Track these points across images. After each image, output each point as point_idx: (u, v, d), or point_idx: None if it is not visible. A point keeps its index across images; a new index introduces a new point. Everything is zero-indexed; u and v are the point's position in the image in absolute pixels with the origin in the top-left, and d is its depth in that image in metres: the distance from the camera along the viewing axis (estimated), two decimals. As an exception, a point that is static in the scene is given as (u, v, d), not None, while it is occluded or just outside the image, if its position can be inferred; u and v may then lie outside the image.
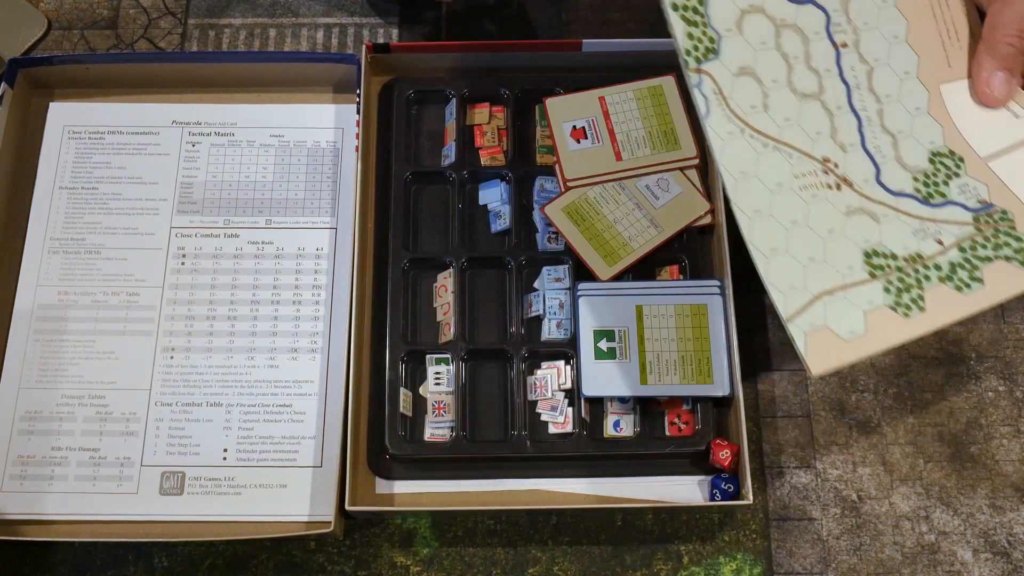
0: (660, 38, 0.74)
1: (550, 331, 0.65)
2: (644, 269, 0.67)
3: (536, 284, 0.67)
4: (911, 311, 0.54)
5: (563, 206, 0.67)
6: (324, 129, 0.72)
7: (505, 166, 0.69)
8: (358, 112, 0.67)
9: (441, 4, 0.76)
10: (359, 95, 0.67)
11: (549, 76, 0.71)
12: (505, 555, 0.63)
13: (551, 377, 0.64)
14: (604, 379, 0.63)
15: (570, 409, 0.64)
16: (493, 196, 0.69)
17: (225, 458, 0.64)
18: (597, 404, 0.64)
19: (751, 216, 0.55)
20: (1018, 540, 0.63)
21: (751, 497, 0.59)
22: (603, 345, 0.63)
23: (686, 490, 0.63)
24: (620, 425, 0.63)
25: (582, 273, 0.66)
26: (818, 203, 0.56)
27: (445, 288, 0.66)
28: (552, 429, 0.64)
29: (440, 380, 0.64)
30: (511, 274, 0.67)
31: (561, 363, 0.64)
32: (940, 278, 0.55)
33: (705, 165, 0.68)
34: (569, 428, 0.63)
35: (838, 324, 0.54)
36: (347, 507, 0.59)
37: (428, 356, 0.65)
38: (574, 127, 0.68)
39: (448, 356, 0.64)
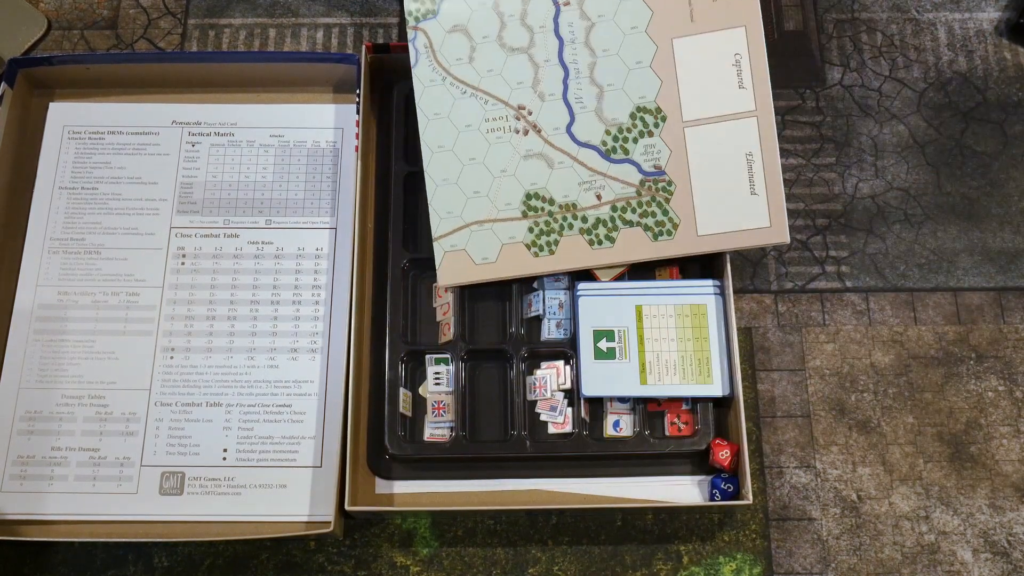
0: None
1: (550, 331, 0.65)
2: (644, 269, 0.67)
3: (536, 284, 0.67)
4: (542, 252, 0.62)
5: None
6: (324, 129, 0.72)
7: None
8: (358, 112, 0.67)
9: None
10: (359, 95, 0.67)
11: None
12: (505, 555, 0.63)
13: (551, 377, 0.64)
14: (604, 379, 0.63)
15: (570, 409, 0.64)
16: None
17: (225, 458, 0.64)
18: (597, 404, 0.64)
19: (434, 150, 0.64)
20: (1018, 540, 0.63)
21: (751, 497, 0.59)
22: (603, 345, 0.63)
23: (686, 490, 0.63)
24: (620, 425, 0.63)
25: (582, 273, 0.66)
26: (501, 145, 0.63)
27: (445, 288, 0.66)
28: (552, 429, 0.64)
29: (440, 380, 0.64)
30: (511, 274, 0.67)
31: (561, 363, 0.64)
32: (581, 230, 0.62)
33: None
34: (569, 428, 0.63)
35: (475, 250, 0.63)
36: (347, 507, 0.59)
37: (428, 356, 0.65)
38: None
39: (448, 356, 0.64)
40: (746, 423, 0.62)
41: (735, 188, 0.61)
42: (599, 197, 0.62)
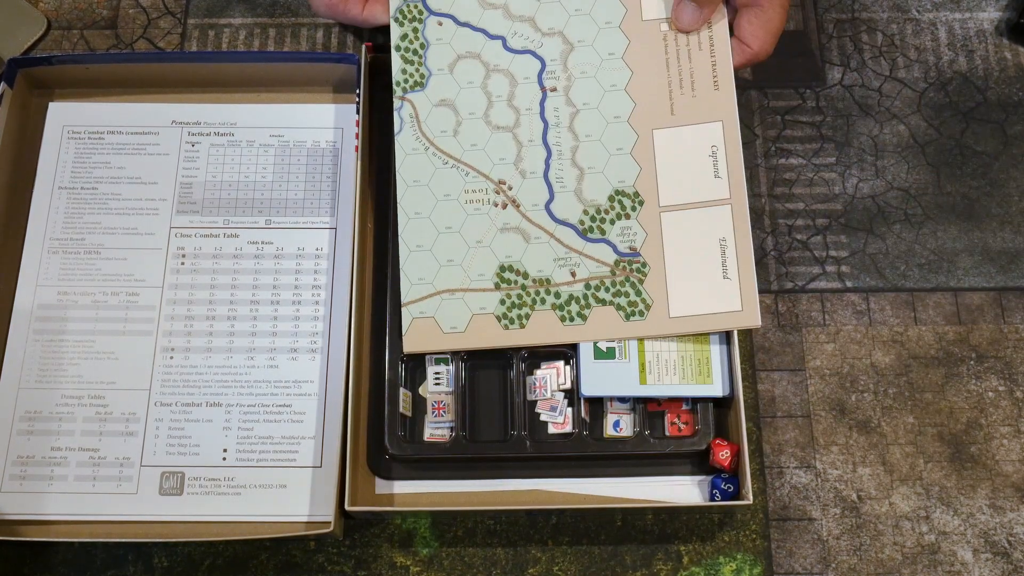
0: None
1: (550, 331, 0.65)
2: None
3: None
4: (512, 325, 0.62)
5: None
6: (324, 129, 0.72)
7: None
8: (358, 112, 0.67)
9: None
10: (359, 95, 0.67)
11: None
12: (505, 555, 0.63)
13: (550, 377, 0.64)
14: (604, 379, 0.63)
15: (570, 409, 0.64)
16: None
17: (225, 458, 0.63)
18: (597, 404, 0.64)
19: (410, 216, 0.64)
20: (1018, 540, 0.63)
21: (751, 497, 0.59)
22: (603, 345, 0.63)
23: (686, 490, 0.63)
24: (620, 425, 0.63)
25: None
26: (479, 216, 0.64)
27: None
28: (552, 429, 0.64)
29: (440, 380, 0.64)
30: (511, 274, 0.67)
31: (560, 363, 0.64)
32: (553, 305, 0.62)
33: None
34: (569, 428, 0.63)
35: (444, 319, 0.63)
36: (347, 507, 0.59)
37: (428, 356, 0.65)
38: None
39: (448, 356, 0.64)
40: (746, 423, 0.62)
41: (708, 272, 0.62)
42: (573, 274, 0.63)
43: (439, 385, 0.64)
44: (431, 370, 0.64)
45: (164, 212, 0.69)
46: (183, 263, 0.68)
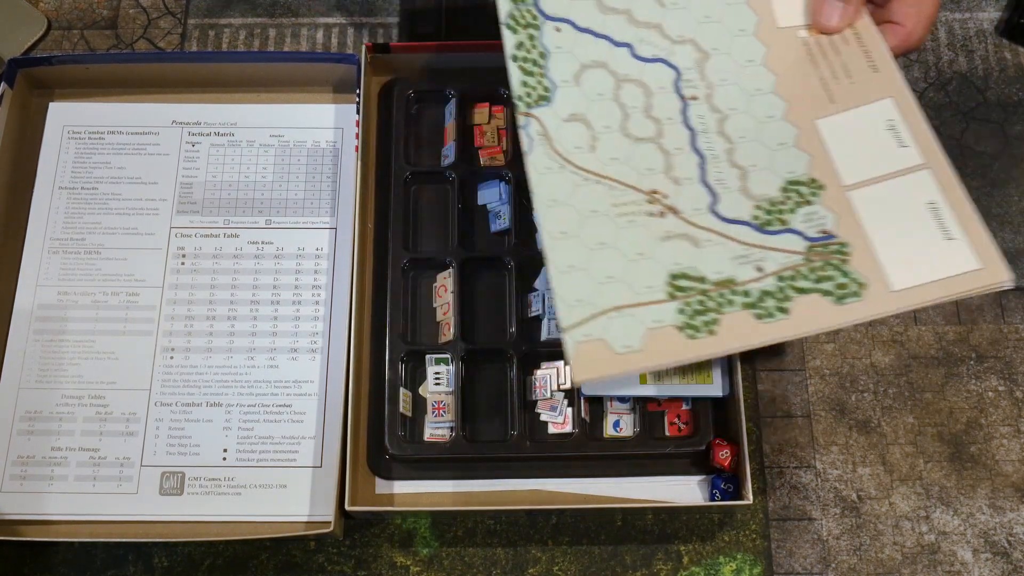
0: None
1: (550, 331, 0.65)
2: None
3: (536, 284, 0.67)
4: (699, 333, 0.55)
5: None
6: (324, 129, 0.72)
7: (505, 166, 0.69)
8: (358, 112, 0.67)
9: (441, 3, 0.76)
10: (359, 95, 0.67)
11: (549, 76, 0.71)
12: (505, 555, 0.63)
13: (550, 377, 0.64)
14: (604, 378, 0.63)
15: (569, 409, 0.64)
16: (492, 196, 0.69)
17: (225, 458, 0.64)
18: (597, 404, 0.64)
19: (556, 237, 0.58)
20: (1018, 540, 0.63)
21: (751, 497, 0.59)
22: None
23: (686, 490, 0.63)
24: (620, 425, 0.63)
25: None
26: (634, 228, 0.58)
27: (445, 288, 0.66)
28: (551, 429, 0.64)
29: (440, 380, 0.64)
30: (510, 274, 0.66)
31: (560, 363, 0.64)
32: (745, 304, 0.56)
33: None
34: (568, 428, 0.63)
35: (615, 338, 0.55)
36: (347, 507, 0.59)
37: (428, 356, 0.65)
38: None
39: (448, 356, 0.64)
40: (746, 423, 0.62)
41: (926, 239, 0.56)
42: (760, 269, 0.57)
43: (439, 385, 0.64)
44: (431, 370, 0.64)
45: (164, 212, 0.69)
46: (183, 263, 0.68)
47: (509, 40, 0.62)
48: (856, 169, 0.58)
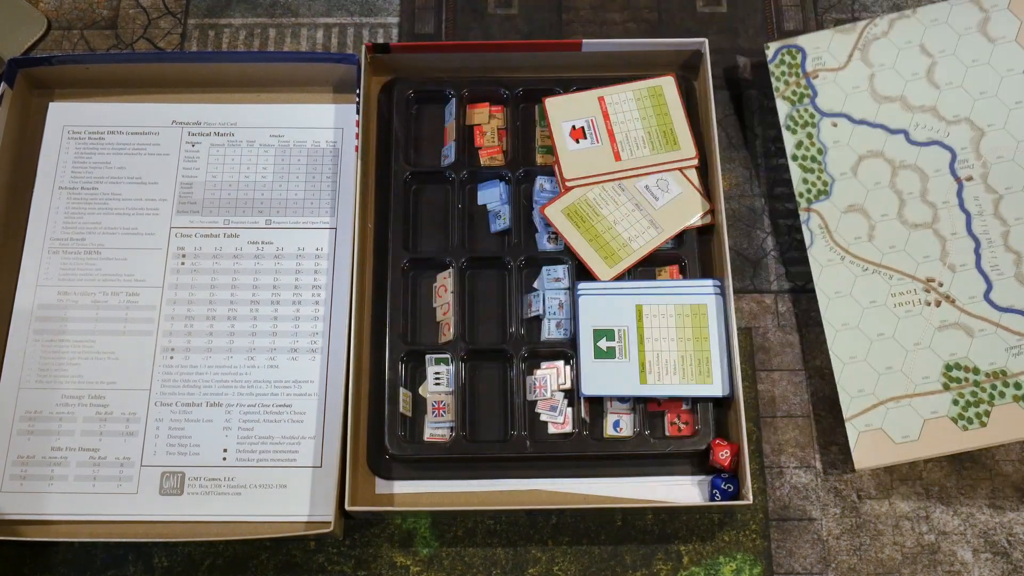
0: (659, 38, 0.75)
1: (550, 331, 0.65)
2: (644, 269, 0.67)
3: (536, 284, 0.67)
4: (971, 425, 0.58)
5: (563, 208, 0.67)
6: (324, 129, 0.72)
7: (504, 166, 0.69)
8: (358, 112, 0.67)
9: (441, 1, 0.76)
10: (359, 95, 0.67)
11: (549, 76, 0.71)
12: (505, 555, 0.63)
13: (550, 377, 0.64)
14: (604, 379, 0.63)
15: (569, 409, 0.64)
16: (492, 196, 0.69)
17: (225, 458, 0.64)
18: (597, 404, 0.64)
19: (838, 328, 0.61)
20: (1018, 540, 0.63)
21: (751, 497, 0.59)
22: (603, 344, 0.63)
23: (686, 490, 0.63)
24: (620, 425, 0.63)
25: (582, 273, 0.66)
26: (911, 318, 0.61)
27: (445, 288, 0.66)
28: (552, 429, 0.64)
29: (440, 380, 0.64)
30: (511, 274, 0.66)
31: (560, 363, 0.64)
32: (1015, 397, 0.58)
33: (704, 165, 0.68)
34: (569, 428, 0.63)
35: (894, 428, 0.59)
36: (347, 507, 0.59)
37: (428, 356, 0.65)
38: (573, 127, 0.68)
39: (448, 356, 0.64)
40: (746, 423, 0.62)
41: None
42: None
43: (439, 385, 0.64)
44: (431, 370, 0.64)
45: (164, 212, 0.69)
46: (183, 263, 0.68)
47: (789, 141, 0.65)
48: None
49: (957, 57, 0.64)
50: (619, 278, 0.65)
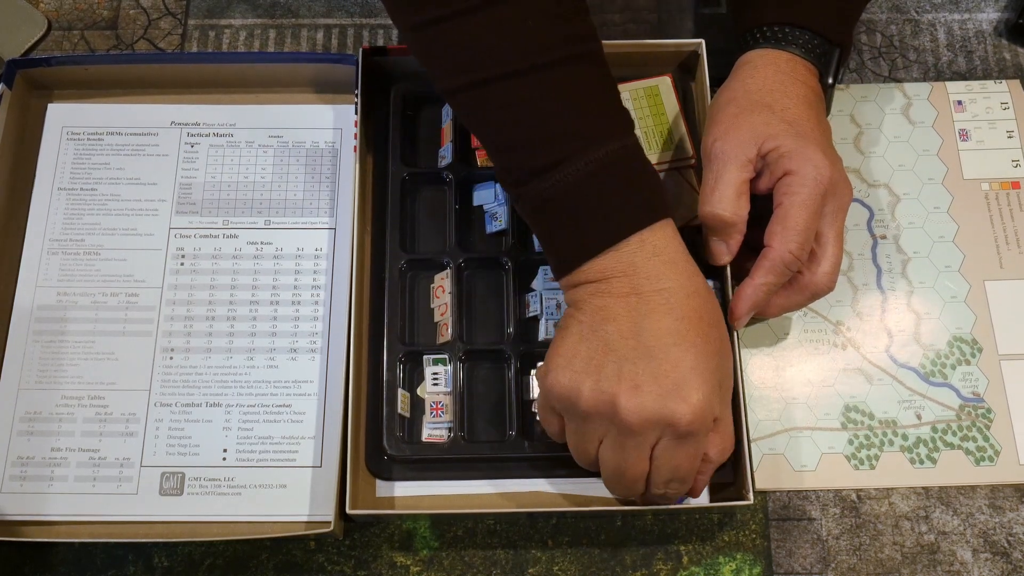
0: (659, 39, 0.74)
1: (547, 331, 0.65)
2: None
3: (533, 284, 0.67)
4: (862, 465, 0.63)
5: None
6: (323, 130, 0.72)
7: (504, 166, 0.69)
8: (356, 113, 0.67)
9: None
10: (357, 96, 0.67)
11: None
12: (505, 555, 0.63)
13: (550, 377, 0.64)
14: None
15: (569, 409, 0.63)
16: (488, 197, 0.69)
17: (225, 458, 0.64)
18: (596, 404, 0.64)
19: (753, 353, 0.65)
20: (1018, 540, 0.63)
21: (751, 497, 0.59)
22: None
23: (685, 490, 0.63)
24: (619, 425, 0.63)
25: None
26: (820, 357, 0.65)
27: (442, 289, 0.66)
28: (551, 429, 0.63)
29: (438, 381, 0.64)
30: (508, 275, 0.66)
31: (560, 363, 0.64)
32: (902, 447, 0.63)
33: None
34: (568, 428, 0.63)
35: (794, 455, 0.63)
36: (348, 510, 0.59)
37: (426, 357, 0.65)
38: None
39: (446, 356, 0.64)
40: (746, 423, 0.62)
41: None
42: (919, 416, 0.64)
43: (437, 385, 0.64)
44: (429, 370, 0.64)
45: (163, 213, 0.69)
46: (182, 263, 0.68)
47: None
48: (1012, 341, 0.65)
49: (881, 131, 0.71)
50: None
